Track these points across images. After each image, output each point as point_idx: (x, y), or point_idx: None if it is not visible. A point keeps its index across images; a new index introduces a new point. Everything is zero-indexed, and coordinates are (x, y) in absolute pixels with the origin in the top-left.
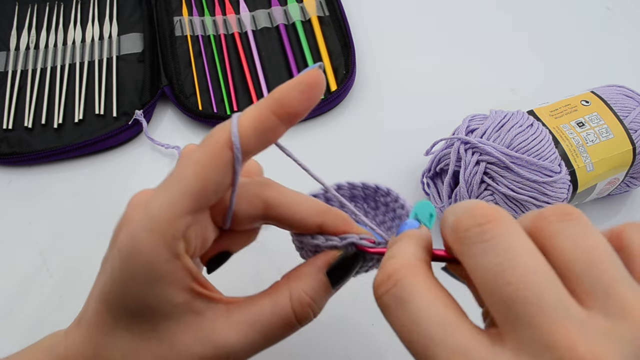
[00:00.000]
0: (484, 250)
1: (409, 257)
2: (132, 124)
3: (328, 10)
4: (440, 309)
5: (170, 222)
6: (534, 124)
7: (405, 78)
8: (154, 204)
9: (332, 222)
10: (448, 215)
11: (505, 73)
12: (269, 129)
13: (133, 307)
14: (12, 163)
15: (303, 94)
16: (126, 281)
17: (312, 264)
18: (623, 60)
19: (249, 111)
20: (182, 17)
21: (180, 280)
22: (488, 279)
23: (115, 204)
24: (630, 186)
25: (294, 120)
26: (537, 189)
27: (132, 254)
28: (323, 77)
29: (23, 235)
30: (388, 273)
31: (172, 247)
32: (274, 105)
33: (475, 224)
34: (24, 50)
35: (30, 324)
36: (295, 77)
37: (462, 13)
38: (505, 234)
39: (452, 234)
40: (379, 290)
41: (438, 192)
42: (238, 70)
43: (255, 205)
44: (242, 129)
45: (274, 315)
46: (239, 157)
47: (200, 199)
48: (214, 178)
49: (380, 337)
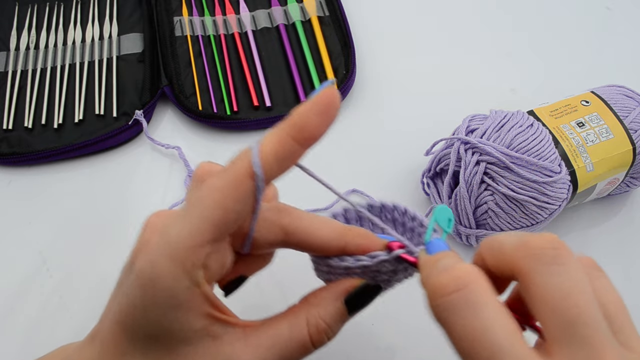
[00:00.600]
0: (558, 272)
1: (472, 266)
2: (132, 124)
3: (328, 10)
4: (506, 319)
5: (190, 250)
6: (534, 124)
7: (405, 78)
8: (173, 231)
9: (354, 242)
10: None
11: (505, 73)
12: (289, 155)
13: (150, 332)
14: (12, 163)
15: (320, 116)
16: (145, 307)
17: (332, 291)
18: (623, 60)
19: (268, 138)
20: (182, 17)
21: (199, 306)
22: (557, 297)
23: (115, 204)
24: (630, 186)
25: (312, 142)
26: (537, 189)
27: (152, 280)
28: (338, 95)
29: (23, 235)
30: (457, 275)
31: (192, 275)
32: (292, 131)
33: (551, 246)
34: (24, 50)
35: (30, 324)
36: (309, 97)
37: (462, 13)
38: (574, 264)
39: (520, 249)
40: (445, 289)
41: (438, 192)
42: (238, 70)
43: (274, 233)
44: (263, 157)
45: (291, 340)
46: (260, 186)
47: (221, 228)
48: (234, 207)
49: (381, 337)
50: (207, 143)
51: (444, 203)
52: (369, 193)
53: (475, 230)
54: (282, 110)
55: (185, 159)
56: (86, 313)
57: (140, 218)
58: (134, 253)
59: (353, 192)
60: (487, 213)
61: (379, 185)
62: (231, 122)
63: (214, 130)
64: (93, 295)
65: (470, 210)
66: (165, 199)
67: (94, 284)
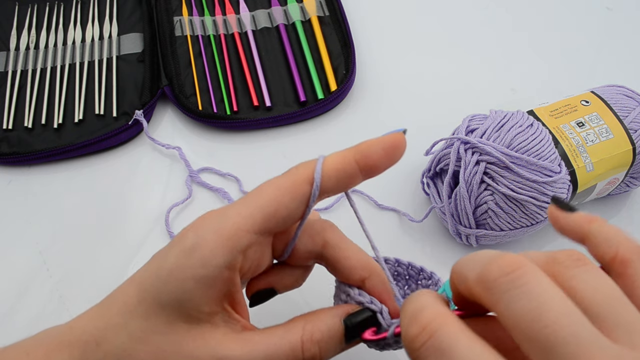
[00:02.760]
0: (517, 297)
1: (439, 307)
2: (132, 124)
3: (328, 10)
4: (481, 352)
5: (237, 232)
6: (534, 124)
7: (405, 78)
8: (230, 211)
9: (374, 282)
10: (465, 270)
11: (505, 73)
12: (348, 176)
13: (163, 297)
14: (12, 163)
15: (385, 152)
16: (172, 270)
17: (333, 309)
18: (623, 60)
19: (334, 155)
20: (182, 17)
21: (219, 290)
22: (524, 324)
23: (115, 204)
24: (630, 186)
25: (371, 173)
26: (537, 189)
27: (192, 247)
28: (405, 142)
29: (23, 235)
30: (422, 325)
31: (230, 256)
32: (358, 155)
33: (503, 273)
34: (24, 50)
35: (30, 324)
36: (381, 135)
37: (462, 13)
38: (533, 280)
39: (478, 284)
40: (414, 344)
41: (438, 192)
42: (238, 70)
43: (315, 242)
44: (325, 169)
45: (282, 341)
46: (315, 194)
47: (271, 221)
48: (288, 205)
49: None
50: (207, 143)
51: (444, 203)
52: (368, 193)
53: (475, 230)
54: (282, 110)
55: (186, 159)
56: None
57: (140, 218)
58: (187, 227)
59: (353, 192)
60: (487, 213)
61: (379, 185)
62: (231, 122)
63: (214, 130)
64: (93, 295)
65: (470, 210)
66: (165, 199)
67: (94, 284)
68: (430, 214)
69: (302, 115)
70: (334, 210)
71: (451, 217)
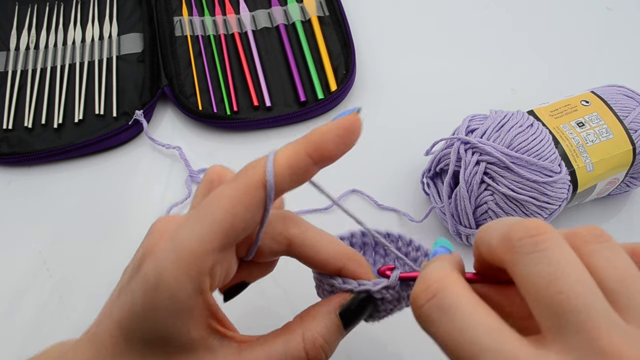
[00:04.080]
0: (537, 259)
1: (447, 269)
2: (132, 124)
3: (328, 10)
4: (484, 316)
5: (197, 257)
6: (534, 124)
7: (405, 78)
8: (182, 236)
9: (352, 267)
10: (489, 233)
11: (505, 73)
12: (302, 171)
13: (149, 337)
14: (12, 163)
15: (339, 138)
16: (146, 311)
17: (325, 305)
18: (623, 60)
19: (284, 151)
20: (182, 17)
21: (200, 315)
22: (540, 286)
23: (115, 204)
24: (630, 186)
25: (327, 162)
26: (537, 189)
27: (156, 284)
28: (361, 123)
29: (23, 235)
30: (428, 283)
31: (197, 282)
32: (309, 148)
33: (528, 235)
34: (24, 50)
35: (30, 324)
36: (333, 119)
37: (462, 13)
38: (556, 246)
39: (502, 244)
40: (419, 300)
41: (438, 192)
42: (238, 70)
43: (279, 242)
44: (277, 168)
45: (285, 356)
46: (271, 196)
47: (230, 236)
48: (244, 216)
49: (381, 337)
50: (207, 143)
51: (444, 203)
52: (368, 193)
53: (475, 230)
54: (282, 110)
55: (186, 159)
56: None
57: (141, 218)
58: (141, 256)
59: (353, 192)
60: (487, 213)
61: (379, 185)
62: (231, 122)
63: (214, 130)
64: (93, 295)
65: (470, 210)
66: (165, 199)
67: (94, 284)
68: (430, 214)
69: (302, 116)
70: (332, 212)
71: (451, 217)
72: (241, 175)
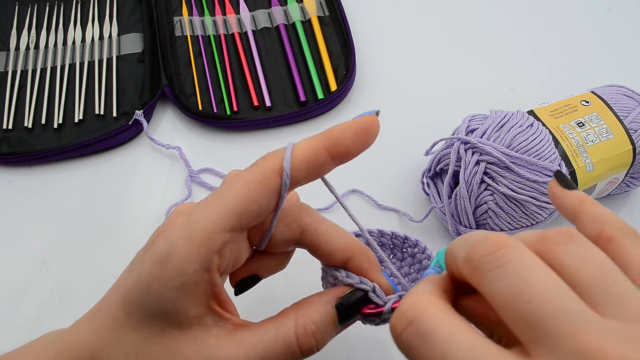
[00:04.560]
0: (500, 275)
1: (422, 293)
2: (132, 124)
3: (328, 10)
4: (465, 336)
5: (209, 235)
6: (534, 124)
7: (405, 78)
8: (197, 214)
9: (358, 261)
10: (455, 251)
11: (505, 73)
12: (319, 164)
13: (148, 309)
14: (12, 163)
15: (357, 137)
16: (151, 282)
17: (323, 295)
18: (623, 60)
19: (303, 143)
20: (182, 17)
21: (202, 293)
22: (508, 301)
23: (115, 204)
24: (630, 186)
25: (344, 159)
26: (537, 189)
27: (166, 256)
28: (379, 124)
29: (23, 235)
30: (402, 310)
31: (206, 259)
32: (328, 143)
33: (488, 252)
34: (24, 50)
35: (30, 324)
36: (353, 119)
37: (462, 13)
38: (517, 257)
39: (466, 265)
40: (396, 329)
41: (438, 192)
42: (238, 70)
43: (292, 229)
44: (294, 159)
45: (277, 339)
46: (287, 183)
47: (242, 219)
48: (259, 201)
49: (381, 337)
50: (207, 143)
51: (444, 203)
52: (368, 193)
53: (475, 230)
54: (282, 110)
55: (186, 159)
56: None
57: (140, 218)
58: (155, 235)
59: (353, 192)
60: (487, 213)
61: (379, 185)
62: (231, 122)
63: (214, 130)
64: (93, 295)
65: (470, 210)
66: (165, 199)
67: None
68: (431, 214)
69: (302, 115)
70: (334, 211)
71: (451, 217)
72: (259, 163)
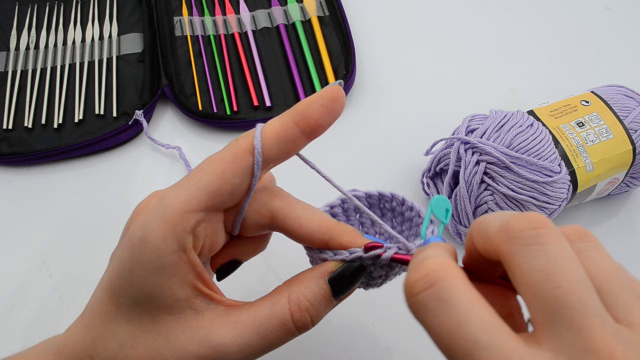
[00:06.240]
0: (537, 252)
1: (445, 259)
2: (132, 124)
3: (328, 10)
4: (482, 311)
5: (182, 214)
6: (534, 124)
7: (405, 78)
8: (170, 196)
9: (339, 238)
10: (488, 222)
11: (505, 73)
12: (290, 139)
13: (136, 296)
14: (12, 163)
15: (323, 107)
16: (132, 268)
17: (315, 270)
18: (623, 60)
19: (272, 121)
20: (182, 17)
21: (184, 274)
22: (537, 281)
23: (115, 204)
24: (630, 186)
25: (314, 132)
26: (537, 189)
27: (142, 240)
28: (343, 93)
29: (23, 235)
30: (425, 272)
31: (181, 238)
32: (296, 117)
33: (530, 226)
34: (24, 50)
35: (30, 324)
36: (316, 92)
37: (462, 13)
38: (556, 241)
39: (500, 233)
40: (414, 289)
41: (438, 192)
42: (238, 70)
43: (262, 214)
44: (265, 137)
45: (271, 317)
46: (259, 161)
47: (216, 198)
48: (231, 179)
49: (380, 337)
50: (207, 143)
51: None
52: None
53: None
54: (282, 110)
55: (185, 159)
56: None
57: None
58: (130, 220)
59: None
60: (487, 213)
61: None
62: (231, 122)
63: (214, 130)
64: None
65: (470, 210)
66: None
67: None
68: None
69: None
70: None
71: (451, 217)
72: (232, 144)
